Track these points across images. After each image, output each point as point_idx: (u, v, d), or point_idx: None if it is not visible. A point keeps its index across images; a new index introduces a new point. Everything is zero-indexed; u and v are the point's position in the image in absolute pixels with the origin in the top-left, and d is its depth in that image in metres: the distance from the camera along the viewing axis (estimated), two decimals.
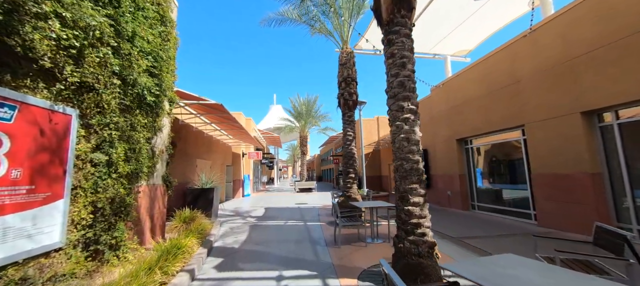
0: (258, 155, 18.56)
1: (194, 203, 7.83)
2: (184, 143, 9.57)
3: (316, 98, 24.05)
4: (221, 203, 12.96)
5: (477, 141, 8.92)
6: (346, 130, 7.62)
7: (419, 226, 3.19)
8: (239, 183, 17.12)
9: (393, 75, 3.57)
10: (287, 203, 13.27)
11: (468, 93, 8.71)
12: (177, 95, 7.02)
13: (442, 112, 10.13)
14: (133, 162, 4.56)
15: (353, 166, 7.43)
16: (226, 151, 15.53)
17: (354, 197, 7.12)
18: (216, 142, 13.59)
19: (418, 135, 3.51)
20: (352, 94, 7.56)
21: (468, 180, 9.17)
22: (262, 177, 27.41)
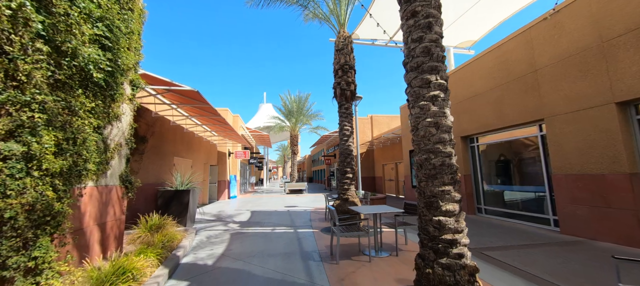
0: (245, 155, 17.43)
1: (166, 208, 6.73)
2: (159, 138, 8.43)
3: (308, 96, 23.14)
4: (202, 207, 11.80)
5: (483, 139, 8.17)
6: (343, 124, 6.70)
7: (455, 245, 2.30)
8: (225, 184, 15.95)
9: (415, 40, 2.68)
10: (276, 205, 12.24)
11: (476, 86, 7.95)
12: (143, 79, 5.94)
13: None
14: (70, 156, 3.48)
15: (351, 165, 6.52)
16: (210, 149, 14.37)
17: (352, 201, 6.21)
18: (198, 139, 12.43)
19: (450, 119, 2.64)
20: (350, 83, 6.66)
21: (473, 181, 8.41)
22: (251, 178, 26.21)
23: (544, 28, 5.95)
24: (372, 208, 4.89)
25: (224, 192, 15.89)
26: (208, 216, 9.36)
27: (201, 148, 12.89)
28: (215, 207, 11.93)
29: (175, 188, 7.07)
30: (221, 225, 7.54)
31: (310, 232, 6.37)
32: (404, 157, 12.99)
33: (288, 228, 7.02)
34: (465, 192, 8.36)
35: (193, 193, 7.15)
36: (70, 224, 3.43)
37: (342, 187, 6.44)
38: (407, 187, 12.63)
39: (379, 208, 4.76)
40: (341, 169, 6.56)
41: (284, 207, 11.59)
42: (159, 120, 8.44)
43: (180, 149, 10.20)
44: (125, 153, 5.02)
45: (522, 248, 4.69)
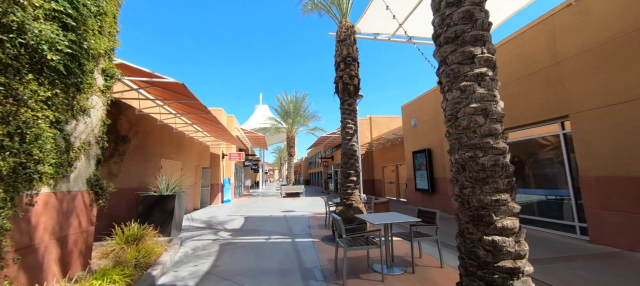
0: (240, 157, 16.70)
1: (148, 215, 6.01)
2: (143, 138, 7.72)
3: (305, 96, 22.50)
4: (192, 212, 11.06)
5: None
6: (346, 122, 6.06)
7: (516, 275, 1.66)
8: (218, 187, 15.20)
9: (451, 4, 2.06)
10: (271, 210, 11.54)
11: None
12: (120, 69, 5.25)
13: None
14: (15, 155, 2.80)
15: (354, 167, 5.88)
16: (203, 151, 13.63)
17: (357, 206, 5.56)
18: (189, 140, 11.70)
19: (501, 105, 2.01)
20: (353, 77, 6.04)
21: None
22: (246, 181, 25.42)
23: (567, 15, 5.40)
24: (383, 216, 4.25)
25: (218, 195, 15.14)
26: (198, 222, 8.63)
27: (192, 150, 12.16)
28: (207, 212, 11.18)
29: (159, 194, 6.35)
30: (210, 234, 6.83)
31: (310, 242, 5.70)
32: (406, 158, 12.40)
33: (285, 237, 6.34)
34: None
35: (179, 198, 6.44)
36: (9, 242, 2.73)
37: (345, 192, 5.79)
38: (410, 190, 12.03)
39: (391, 217, 4.12)
40: (344, 171, 5.91)
41: (280, 212, 10.90)
42: (144, 118, 7.73)
43: (168, 150, 9.47)
44: (96, 153, 4.32)
45: (556, 261, 4.08)
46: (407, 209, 10.73)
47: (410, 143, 12.01)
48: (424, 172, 10.66)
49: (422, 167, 10.80)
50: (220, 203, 15.21)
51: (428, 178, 10.37)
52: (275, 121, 23.00)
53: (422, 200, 11.07)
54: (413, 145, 11.79)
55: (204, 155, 13.92)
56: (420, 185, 10.96)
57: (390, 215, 4.27)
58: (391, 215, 4.34)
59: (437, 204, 10.12)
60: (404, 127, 12.79)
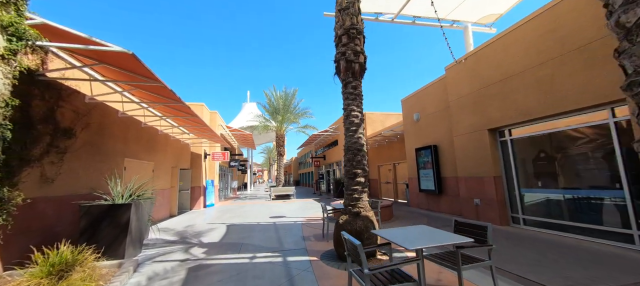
0: (225, 156, 15.23)
1: (93, 231, 4.59)
2: (98, 133, 6.28)
3: (295, 92, 21.15)
4: (166, 220, 9.57)
5: (518, 130, 6.57)
6: (350, 109, 4.83)
7: None
8: (200, 190, 13.70)
9: None
10: (259, 216, 10.19)
11: (510, 65, 6.35)
12: (42, 32, 3.85)
13: (465, 95, 7.73)
14: None
15: (362, 165, 4.66)
16: (181, 150, 12.12)
17: (366, 215, 4.36)
18: (164, 137, 10.20)
19: None
20: (358, 53, 4.85)
21: (505, 183, 6.78)
22: (232, 182, 23.85)
23: None
24: (413, 233, 3.04)
25: (199, 199, 13.63)
26: (169, 234, 7.21)
27: (168, 149, 10.65)
28: (184, 220, 9.72)
29: (110, 203, 4.93)
30: (180, 252, 5.46)
31: (306, 263, 4.45)
32: (408, 156, 11.32)
33: (274, 254, 5.06)
34: (496, 199, 6.72)
35: (137, 208, 5.04)
36: None
37: (351, 196, 4.56)
38: (412, 191, 10.95)
39: (426, 235, 2.92)
40: (349, 171, 4.68)
41: (269, 218, 9.58)
42: (98, 108, 6.27)
43: (135, 149, 7.99)
44: None
45: None
46: (411, 212, 9.63)
47: (412, 140, 10.94)
48: (430, 171, 9.60)
49: (427, 165, 9.74)
50: (202, 207, 13.70)
51: (434, 177, 9.31)
52: (264, 119, 21.57)
53: (426, 201, 10.00)
54: (416, 141, 10.71)
55: (182, 155, 12.41)
56: (425, 186, 9.88)
57: (422, 232, 3.08)
58: (423, 230, 3.14)
59: (444, 206, 9.07)
60: (405, 122, 11.72)
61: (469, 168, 7.55)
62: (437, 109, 9.50)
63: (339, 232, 4.40)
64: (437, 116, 9.51)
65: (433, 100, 9.72)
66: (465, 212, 7.67)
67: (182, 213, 11.73)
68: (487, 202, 6.97)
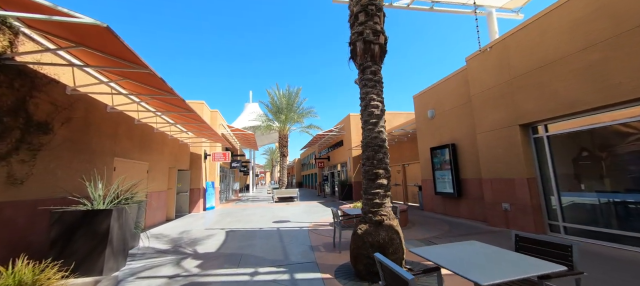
0: (226, 157, 14.53)
1: (66, 242, 3.88)
2: (82, 129, 5.62)
3: (299, 91, 20.42)
4: (161, 225, 8.85)
5: (556, 126, 5.77)
6: (369, 98, 4.07)
7: None
8: (199, 192, 12.99)
9: None
10: (261, 220, 9.45)
11: (550, 50, 5.56)
12: None
13: (491, 87, 6.95)
14: None
15: (384, 164, 3.90)
16: (179, 150, 11.44)
17: (390, 225, 3.61)
18: (161, 136, 9.52)
19: None
20: (378, 33, 4.11)
21: (541, 186, 5.98)
22: (234, 184, 23.16)
23: None
24: (465, 253, 2.28)
25: (199, 202, 12.93)
26: (162, 242, 6.48)
27: (164, 148, 9.97)
28: (180, 225, 9.00)
29: (87, 208, 4.22)
30: (171, 264, 4.72)
31: (319, 281, 3.70)
32: (421, 156, 10.53)
33: (279, 269, 4.31)
34: (530, 203, 5.92)
35: (120, 214, 4.32)
36: None
37: (371, 202, 3.80)
38: (427, 194, 10.15)
39: (481, 254, 2.16)
40: (368, 171, 3.93)
41: (272, 223, 8.83)
42: (83, 101, 5.60)
43: (126, 147, 7.30)
44: None
45: None
46: (426, 217, 8.83)
47: (427, 139, 10.15)
48: (447, 172, 8.80)
49: (444, 166, 8.94)
50: (201, 211, 12.99)
51: (453, 179, 8.51)
52: (266, 119, 20.86)
53: (443, 205, 9.20)
54: (430, 140, 9.93)
55: (181, 155, 11.72)
56: (441, 188, 9.08)
57: (478, 251, 2.31)
58: (479, 250, 2.38)
59: (464, 211, 8.27)
60: (417, 119, 10.94)
61: (496, 169, 6.75)
62: (455, 104, 8.71)
63: (358, 245, 3.65)
64: (455, 112, 8.72)
65: (451, 94, 8.94)
66: (492, 218, 6.86)
67: (180, 217, 11.03)
68: (519, 207, 6.16)
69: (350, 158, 17.99)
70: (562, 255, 2.26)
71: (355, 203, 8.32)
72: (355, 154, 17.76)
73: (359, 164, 17.65)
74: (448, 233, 6.45)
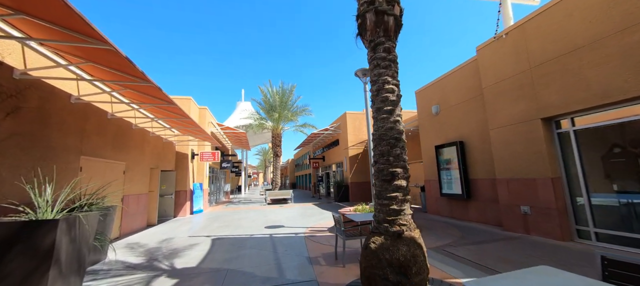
0: (215, 156, 13.60)
1: None
2: (38, 121, 4.73)
3: (293, 88, 19.59)
4: (140, 232, 7.90)
5: (584, 119, 5.15)
6: (383, 80, 3.32)
7: None
8: (186, 195, 12.05)
9: None
10: (252, 225, 8.61)
11: (583, 31, 4.93)
12: None
13: (507, 78, 6.31)
14: None
15: (401, 161, 3.16)
16: (163, 149, 10.50)
17: (411, 237, 2.87)
18: (140, 133, 8.60)
19: None
20: (394, 2, 3.39)
21: (567, 187, 5.35)
22: (225, 186, 22.16)
23: None
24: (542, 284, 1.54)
25: (185, 205, 11.98)
26: (135, 253, 5.60)
27: (146, 146, 9.04)
28: (162, 231, 8.09)
29: (32, 217, 3.35)
30: (139, 285, 3.87)
31: None
32: (425, 155, 9.87)
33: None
34: (555, 206, 5.28)
35: (72, 225, 3.45)
36: None
37: (387, 208, 3.05)
38: (430, 195, 9.48)
39: None
40: (382, 170, 3.17)
41: (265, 229, 8.01)
42: (38, 88, 4.70)
43: (97, 145, 6.39)
44: None
45: None
46: (431, 221, 8.14)
47: (431, 136, 9.50)
48: (454, 172, 8.15)
49: (451, 165, 8.29)
50: (188, 214, 12.05)
51: (461, 179, 7.85)
52: (259, 117, 19.96)
53: (449, 208, 8.54)
54: (435, 138, 9.27)
55: (165, 155, 10.78)
56: (447, 189, 8.43)
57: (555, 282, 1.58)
58: (557, 283, 1.64)
59: (474, 214, 7.62)
60: (420, 116, 10.28)
61: (514, 168, 6.11)
62: (463, 99, 8.07)
63: (371, 263, 2.90)
64: (463, 107, 8.08)
65: (458, 88, 8.30)
66: (508, 222, 6.21)
67: (164, 222, 10.09)
68: (541, 210, 5.52)
69: (346, 158, 17.27)
70: None
71: (356, 206, 7.58)
72: (351, 154, 17.06)
73: (356, 164, 16.94)
74: (462, 239, 5.76)
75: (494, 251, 4.83)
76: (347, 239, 4.49)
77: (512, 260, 4.33)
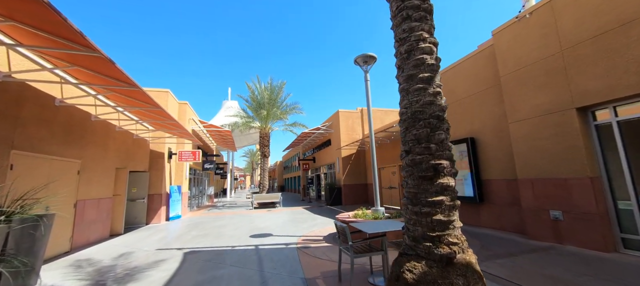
0: (195, 156, 12.29)
1: None
2: None
3: (282, 85, 18.43)
4: (97, 245, 6.55)
5: (629, 109, 4.38)
6: (417, 37, 2.37)
7: None
8: (161, 199, 10.69)
9: None
10: (236, 234, 7.45)
11: (629, 4, 4.15)
12: None
13: (532, 63, 5.51)
14: None
15: (446, 149, 2.19)
16: (134, 146, 9.17)
17: (466, 262, 1.91)
18: (101, 125, 7.29)
19: None
20: None
21: (608, 187, 4.56)
22: (208, 189, 20.68)
23: None
24: None
25: (160, 210, 10.62)
26: (79, 276, 4.34)
27: (110, 142, 7.72)
28: (124, 244, 6.80)
29: None
30: None
31: None
32: None
33: None
34: (597, 210, 4.47)
35: None
36: None
37: (428, 218, 2.06)
38: None
39: None
40: (419, 163, 2.18)
41: (250, 238, 6.88)
42: None
43: (38, 137, 5.11)
44: None
45: None
46: None
47: None
48: (463, 172, 7.31)
49: (460, 165, 7.45)
50: (163, 221, 10.70)
51: (473, 180, 7.01)
52: (246, 116, 18.68)
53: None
54: None
55: (135, 153, 9.44)
56: None
57: None
58: None
59: (488, 219, 6.79)
60: None
61: (540, 166, 5.29)
62: (474, 91, 7.26)
63: None
64: (474, 100, 7.27)
65: (468, 79, 7.49)
66: (534, 230, 5.38)
67: (133, 230, 8.74)
68: (577, 215, 4.70)
69: (339, 159, 16.31)
70: None
71: (356, 212, 6.59)
72: (344, 154, 16.11)
73: (349, 165, 15.99)
74: (484, 251, 4.86)
75: (532, 267, 3.94)
76: (356, 257, 3.47)
77: (562, 279, 3.44)
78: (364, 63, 7.08)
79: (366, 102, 7.06)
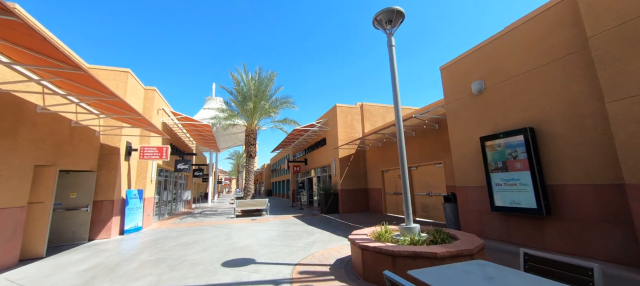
0: (162, 153, 9.91)
1: None
2: None
3: (272, 76, 16.24)
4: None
5: None
6: None
7: None
8: (112, 207, 8.27)
9: None
10: (205, 258, 5.21)
11: None
12: None
13: None
14: None
15: None
16: (70, 137, 6.77)
17: None
18: (12, 105, 4.94)
19: None
20: None
21: None
22: (184, 193, 18.09)
23: None
24: None
25: (110, 222, 8.19)
26: None
27: (21, 130, 5.35)
28: (22, 278, 4.45)
29: None
30: None
31: None
32: (456, 151, 7.14)
33: None
34: None
35: None
36: None
37: None
38: (468, 209, 6.70)
39: None
40: None
41: (222, 267, 4.68)
42: None
43: None
44: None
45: None
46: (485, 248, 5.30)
47: (469, 125, 6.79)
48: (520, 174, 5.42)
49: (513, 165, 5.57)
50: (115, 235, 8.29)
51: (534, 186, 5.12)
52: (230, 111, 16.34)
53: (505, 228, 5.79)
54: (476, 126, 6.57)
55: (74, 146, 7.05)
56: (506, 201, 5.67)
57: None
58: None
59: (556, 239, 4.89)
60: (449, 100, 7.57)
61: None
62: (534, 65, 5.41)
63: None
64: (533, 77, 5.42)
65: (523, 50, 5.65)
66: (621, 253, 3.48)
67: (62, 250, 6.33)
68: None
69: (335, 160, 14.26)
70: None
71: (378, 229, 4.54)
72: (342, 155, 14.10)
73: (348, 167, 13.97)
74: None
75: None
76: None
77: None
78: (388, 23, 5.10)
79: (391, 75, 5.06)
